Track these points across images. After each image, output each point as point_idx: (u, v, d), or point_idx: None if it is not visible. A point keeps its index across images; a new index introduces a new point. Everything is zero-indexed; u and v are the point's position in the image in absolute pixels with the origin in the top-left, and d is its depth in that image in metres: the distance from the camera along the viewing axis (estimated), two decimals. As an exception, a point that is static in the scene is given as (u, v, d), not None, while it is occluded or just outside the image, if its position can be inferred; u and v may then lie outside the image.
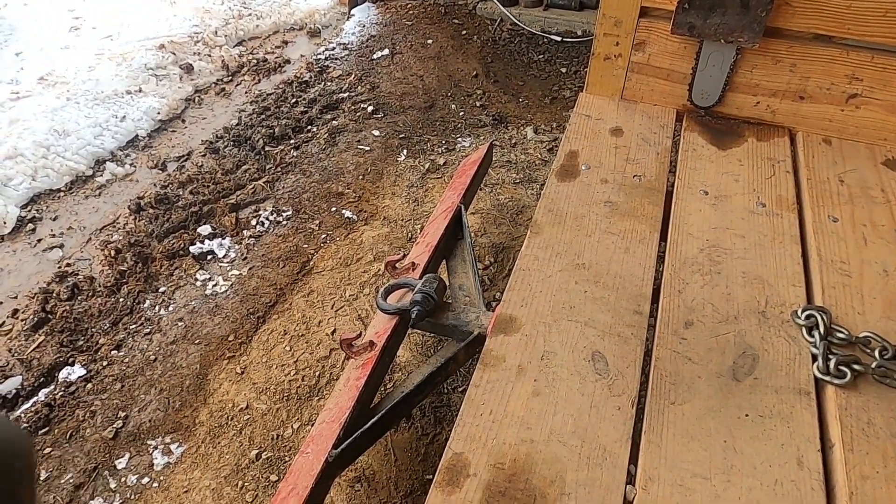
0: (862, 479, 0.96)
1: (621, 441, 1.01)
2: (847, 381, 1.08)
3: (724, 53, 1.59)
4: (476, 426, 1.03)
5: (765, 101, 1.66)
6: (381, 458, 1.51)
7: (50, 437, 1.54)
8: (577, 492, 0.94)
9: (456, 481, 0.96)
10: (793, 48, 1.55)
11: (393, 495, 1.45)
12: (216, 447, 1.52)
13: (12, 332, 1.76)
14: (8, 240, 2.08)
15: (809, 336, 1.16)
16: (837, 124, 1.63)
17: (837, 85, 1.57)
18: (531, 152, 2.51)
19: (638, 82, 1.75)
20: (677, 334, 1.18)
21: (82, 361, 1.70)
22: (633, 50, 1.69)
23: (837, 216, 1.42)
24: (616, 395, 1.08)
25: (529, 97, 2.88)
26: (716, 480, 0.96)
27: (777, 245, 1.36)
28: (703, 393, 1.08)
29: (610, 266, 1.31)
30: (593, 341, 1.16)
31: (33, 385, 1.64)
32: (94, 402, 1.61)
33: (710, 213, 1.44)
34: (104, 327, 1.80)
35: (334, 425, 1.21)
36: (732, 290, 1.26)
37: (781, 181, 1.52)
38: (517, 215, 2.19)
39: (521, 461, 0.98)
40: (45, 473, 1.46)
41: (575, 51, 3.15)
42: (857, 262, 1.31)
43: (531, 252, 1.35)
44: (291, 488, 1.11)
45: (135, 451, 1.52)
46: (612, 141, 1.65)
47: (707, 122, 1.71)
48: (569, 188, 1.51)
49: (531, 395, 1.08)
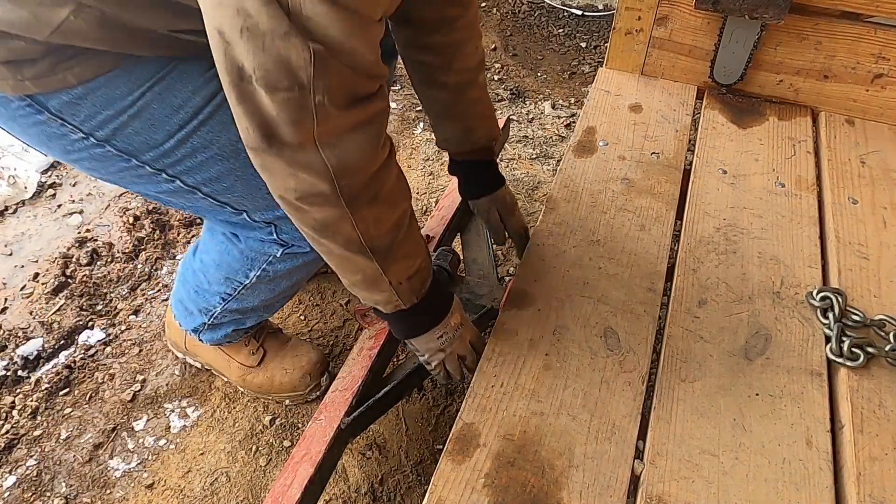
0: (871, 460, 0.96)
1: (631, 416, 1.02)
2: (860, 363, 1.08)
3: (749, 30, 1.56)
4: (487, 398, 1.05)
5: (788, 79, 1.63)
6: (392, 427, 1.54)
7: (70, 398, 1.57)
8: (585, 464, 0.96)
9: (466, 451, 0.98)
10: (819, 25, 1.52)
11: (404, 463, 1.47)
12: (231, 412, 1.55)
13: (33, 296, 1.79)
14: (29, 204, 2.10)
15: (824, 318, 1.16)
16: (861, 104, 1.60)
17: (863, 64, 1.54)
18: (548, 128, 2.49)
19: (659, 58, 1.73)
20: (690, 312, 1.18)
21: (101, 325, 1.74)
22: (655, 25, 1.67)
23: (857, 198, 1.40)
24: (627, 371, 1.08)
25: (548, 72, 2.85)
26: (724, 457, 0.97)
27: (795, 226, 1.35)
28: (715, 371, 1.09)
29: (625, 243, 1.31)
30: (606, 317, 1.17)
31: (54, 347, 1.67)
32: (112, 365, 1.65)
33: (727, 192, 1.43)
34: (123, 293, 1.83)
35: (347, 393, 1.23)
36: (747, 269, 1.26)
37: (802, 161, 1.50)
38: (533, 191, 2.18)
39: (531, 433, 1.00)
40: (66, 433, 1.50)
41: (595, 25, 3.10)
42: (875, 244, 1.30)
43: (546, 228, 1.35)
44: (304, 453, 1.14)
45: (152, 413, 1.55)
46: (631, 117, 1.64)
47: (728, 100, 1.69)
48: (585, 164, 1.50)
49: (542, 368, 1.09)
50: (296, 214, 0.85)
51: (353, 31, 0.68)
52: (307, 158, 0.75)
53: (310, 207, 0.82)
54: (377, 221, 0.87)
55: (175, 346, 1.62)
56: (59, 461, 1.46)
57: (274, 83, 0.68)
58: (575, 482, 0.94)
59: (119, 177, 1.01)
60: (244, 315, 1.38)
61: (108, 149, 0.94)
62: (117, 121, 0.91)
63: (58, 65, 0.84)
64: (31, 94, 0.86)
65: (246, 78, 0.69)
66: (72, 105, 0.89)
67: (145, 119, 0.92)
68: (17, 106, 0.88)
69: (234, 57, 0.68)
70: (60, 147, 0.96)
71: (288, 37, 0.65)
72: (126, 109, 0.90)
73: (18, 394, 1.57)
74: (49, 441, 1.49)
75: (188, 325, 1.46)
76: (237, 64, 0.68)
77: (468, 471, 0.95)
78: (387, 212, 0.88)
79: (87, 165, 1.00)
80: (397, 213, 0.91)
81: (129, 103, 0.90)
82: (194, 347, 1.55)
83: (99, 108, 0.89)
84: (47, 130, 0.92)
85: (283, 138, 0.73)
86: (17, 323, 1.72)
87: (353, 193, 0.81)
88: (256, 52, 0.66)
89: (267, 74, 0.67)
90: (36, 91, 0.86)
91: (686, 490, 0.93)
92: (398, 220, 0.91)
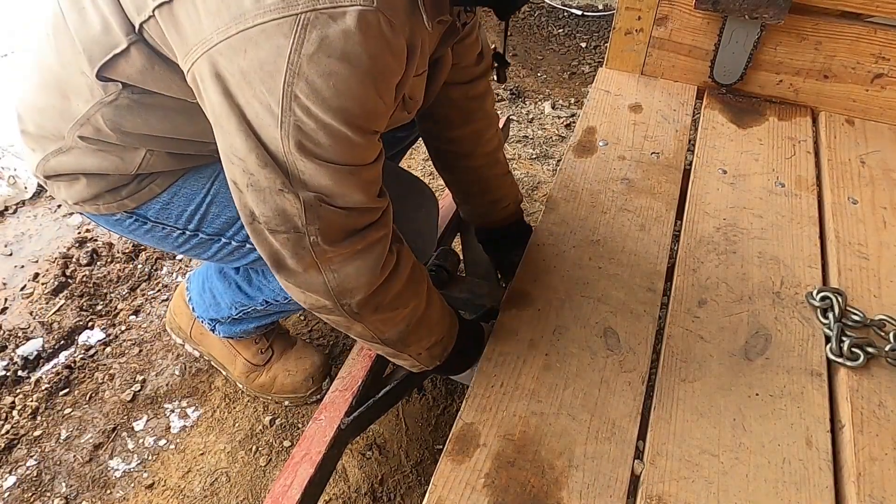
0: (871, 460, 0.96)
1: (631, 416, 1.02)
2: (860, 363, 1.08)
3: (748, 30, 1.56)
4: (487, 398, 1.05)
5: (788, 79, 1.63)
6: (392, 427, 1.54)
7: (70, 398, 1.57)
8: (584, 464, 0.96)
9: (466, 451, 0.98)
10: (819, 25, 1.52)
11: (404, 463, 1.47)
12: (231, 412, 1.55)
13: (33, 296, 1.79)
14: (29, 204, 2.10)
15: (824, 318, 1.16)
16: (861, 104, 1.60)
17: (863, 64, 1.54)
18: (548, 128, 2.49)
19: (659, 58, 1.73)
20: (690, 312, 1.18)
21: (101, 326, 1.74)
22: (655, 25, 1.67)
23: (857, 198, 1.40)
24: (627, 371, 1.08)
25: (548, 72, 2.85)
26: (724, 457, 0.97)
27: (795, 226, 1.35)
28: (714, 371, 1.09)
29: (625, 243, 1.31)
30: (606, 317, 1.17)
31: (54, 347, 1.67)
32: (112, 365, 1.65)
33: (727, 192, 1.43)
34: (123, 293, 1.83)
35: (347, 394, 1.23)
36: (747, 269, 1.26)
37: (802, 161, 1.50)
38: (533, 191, 2.18)
39: (531, 433, 1.00)
40: (66, 433, 1.50)
41: (595, 25, 3.10)
42: (875, 244, 1.30)
43: (546, 227, 1.35)
44: (304, 454, 1.14)
45: (152, 413, 1.55)
46: (631, 117, 1.64)
47: (728, 100, 1.69)
48: (585, 164, 1.50)
49: (542, 368, 1.09)
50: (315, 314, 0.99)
51: (343, 179, 0.81)
52: (310, 281, 0.89)
53: (321, 314, 0.96)
54: (385, 323, 0.99)
55: (177, 331, 1.62)
56: (59, 461, 1.46)
57: (274, 227, 0.83)
58: (575, 482, 0.94)
59: (219, 257, 1.18)
60: (277, 315, 1.39)
61: (202, 236, 1.13)
62: (200, 211, 1.09)
63: (144, 180, 1.05)
64: (131, 209, 1.08)
65: (255, 220, 0.84)
66: (165, 210, 1.09)
67: (219, 203, 1.09)
68: (129, 223, 1.11)
69: (245, 203, 0.83)
70: (170, 244, 1.16)
71: (282, 193, 0.80)
72: (204, 199, 1.09)
73: (18, 394, 1.57)
74: (49, 441, 1.49)
75: (206, 314, 1.46)
76: (248, 209, 0.84)
77: (468, 471, 0.95)
78: (394, 315, 0.99)
79: (194, 253, 1.18)
80: (406, 311, 1.00)
81: (205, 194, 1.08)
82: (200, 337, 1.55)
83: (184, 206, 1.09)
84: (156, 235, 1.13)
85: (289, 267, 0.88)
86: (17, 323, 1.72)
87: (354, 309, 0.93)
88: (259, 202, 0.81)
89: (269, 220, 0.83)
90: (133, 206, 1.07)
91: (686, 490, 0.93)
92: (408, 316, 1.01)
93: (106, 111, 0.92)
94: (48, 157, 1.01)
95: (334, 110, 0.74)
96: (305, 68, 0.71)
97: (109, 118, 0.93)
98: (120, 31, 0.83)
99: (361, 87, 0.75)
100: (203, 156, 1.06)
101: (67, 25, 0.88)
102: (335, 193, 0.82)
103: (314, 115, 0.74)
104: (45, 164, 1.03)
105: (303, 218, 0.81)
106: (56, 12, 0.91)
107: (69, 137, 0.97)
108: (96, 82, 0.90)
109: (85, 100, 0.93)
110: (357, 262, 0.89)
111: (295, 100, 0.73)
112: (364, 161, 0.84)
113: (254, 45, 0.71)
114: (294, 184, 0.79)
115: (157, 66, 0.85)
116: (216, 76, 0.74)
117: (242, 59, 0.72)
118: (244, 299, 1.34)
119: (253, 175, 0.79)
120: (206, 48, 0.73)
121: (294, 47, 0.70)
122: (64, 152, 1.00)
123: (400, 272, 0.97)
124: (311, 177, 0.79)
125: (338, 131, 0.76)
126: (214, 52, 0.73)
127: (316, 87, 0.72)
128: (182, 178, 1.08)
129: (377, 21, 0.72)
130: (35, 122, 1.01)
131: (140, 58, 0.84)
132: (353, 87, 0.74)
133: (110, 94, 0.91)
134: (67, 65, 0.91)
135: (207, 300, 1.43)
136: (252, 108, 0.75)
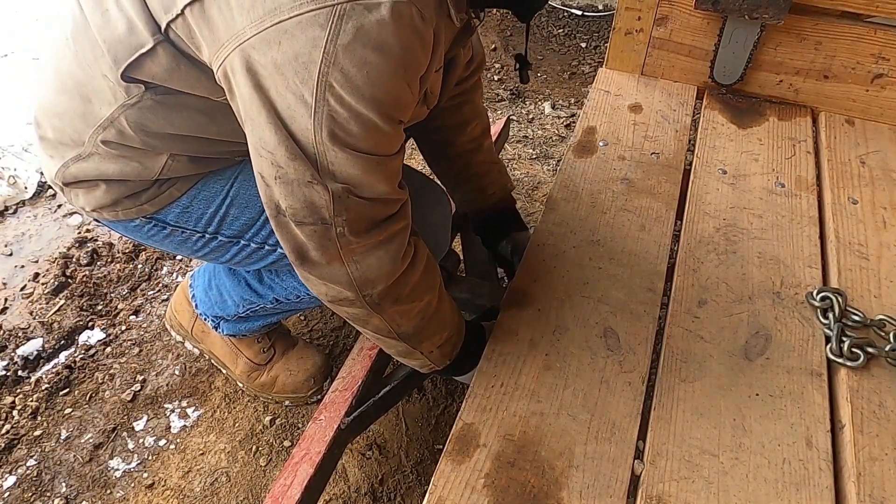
0: (871, 460, 0.96)
1: (631, 416, 1.02)
2: (860, 363, 1.08)
3: (748, 30, 1.56)
4: (487, 398, 1.05)
5: (788, 79, 1.63)
6: (392, 427, 1.54)
7: (70, 398, 1.57)
8: (585, 464, 0.96)
9: (466, 451, 0.98)
10: (819, 25, 1.52)
11: (404, 463, 1.47)
12: (231, 412, 1.55)
13: (33, 296, 1.79)
14: (29, 204, 2.10)
15: (824, 318, 1.16)
16: (861, 105, 1.60)
17: (863, 64, 1.54)
18: (548, 128, 2.49)
19: (659, 58, 1.73)
20: (690, 313, 1.18)
21: (101, 326, 1.73)
22: (655, 25, 1.67)
23: (857, 198, 1.40)
24: (627, 372, 1.08)
25: (548, 72, 2.85)
26: (724, 457, 0.97)
27: (795, 226, 1.35)
28: (714, 371, 1.09)
29: (625, 243, 1.31)
30: (606, 318, 1.17)
31: (54, 347, 1.67)
32: (112, 365, 1.65)
33: (727, 192, 1.43)
34: (123, 293, 1.83)
35: (347, 393, 1.23)
36: (747, 270, 1.26)
37: (802, 161, 1.51)
38: (533, 191, 2.18)
39: (531, 433, 1.00)
40: (66, 433, 1.50)
41: (595, 25, 3.10)
42: (875, 244, 1.30)
43: (546, 228, 1.35)
44: (304, 453, 1.14)
45: (152, 413, 1.55)
46: (631, 117, 1.64)
47: (728, 100, 1.69)
48: (585, 164, 1.50)
49: (542, 368, 1.09)
50: (333, 308, 1.00)
51: (371, 169, 0.82)
52: (334, 273, 0.90)
53: (341, 308, 0.98)
54: (402, 315, 1.00)
55: (178, 328, 1.62)
56: (60, 461, 1.46)
57: (301, 219, 0.84)
58: (575, 482, 0.94)
59: (237, 260, 1.19)
60: (284, 314, 1.40)
61: (221, 238, 1.14)
62: (220, 213, 1.11)
63: (164, 185, 1.06)
64: (150, 214, 1.09)
65: (281, 213, 0.85)
66: (184, 213, 1.10)
67: (239, 205, 1.10)
68: (148, 228, 1.11)
69: (271, 196, 0.84)
70: (188, 249, 1.16)
71: (311, 184, 0.81)
72: (224, 201, 1.10)
73: (18, 394, 1.57)
74: (49, 441, 1.49)
75: (211, 311, 1.46)
76: (274, 202, 0.85)
77: (468, 471, 0.95)
78: (411, 307, 1.00)
79: (213, 257, 1.19)
80: (421, 304, 1.02)
81: (224, 196, 1.10)
82: (202, 334, 1.56)
83: (204, 209, 1.10)
84: (175, 240, 1.14)
85: (312, 259, 0.89)
86: (17, 323, 1.72)
87: (375, 300, 0.94)
88: (287, 195, 0.82)
89: (296, 213, 0.83)
90: (153, 211, 1.08)
91: (686, 490, 0.93)
92: (423, 309, 1.03)
93: (130, 113, 0.93)
94: (68, 163, 1.02)
95: (367, 99, 0.76)
96: (341, 58, 0.72)
97: (133, 120, 0.94)
98: (146, 30, 0.83)
99: (394, 77, 0.77)
100: (223, 159, 1.07)
101: (89, 27, 0.88)
102: (363, 183, 0.83)
103: (347, 105, 0.75)
104: (66, 171, 1.03)
105: (331, 209, 0.82)
106: (76, 15, 0.91)
107: (90, 143, 0.98)
108: (119, 85, 0.90)
109: (108, 103, 0.93)
110: (379, 253, 0.90)
111: (329, 89, 0.74)
112: (390, 151, 0.86)
113: (289, 37, 0.72)
114: (323, 175, 0.80)
115: (183, 65, 0.86)
116: (248, 70, 0.75)
117: (276, 51, 0.73)
118: (254, 297, 1.33)
119: (281, 167, 0.80)
120: (238, 42, 0.74)
121: (330, 37, 0.71)
122: (84, 158, 1.00)
123: (417, 263, 0.98)
124: (341, 167, 0.80)
125: (369, 120, 0.78)
126: (247, 46, 0.74)
127: (350, 76, 0.73)
128: (201, 182, 1.09)
129: (410, 13, 0.73)
130: (54, 126, 1.01)
131: (166, 57, 0.85)
132: (386, 77, 0.76)
133: (133, 97, 0.92)
134: (88, 68, 0.92)
135: (213, 297, 1.43)
136: (284, 100, 0.76)
